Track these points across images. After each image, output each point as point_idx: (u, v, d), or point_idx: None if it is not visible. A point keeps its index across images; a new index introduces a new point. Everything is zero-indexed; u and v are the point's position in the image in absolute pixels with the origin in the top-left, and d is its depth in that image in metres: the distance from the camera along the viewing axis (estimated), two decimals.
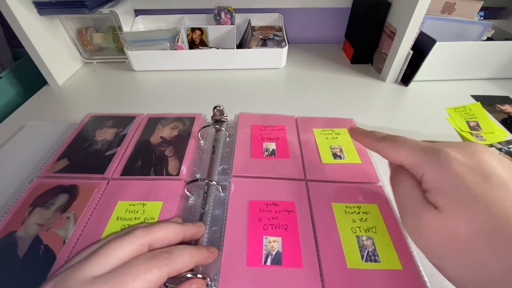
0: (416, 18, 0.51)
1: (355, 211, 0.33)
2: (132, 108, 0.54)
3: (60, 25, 0.62)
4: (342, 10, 0.74)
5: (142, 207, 0.33)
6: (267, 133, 0.44)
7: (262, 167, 0.39)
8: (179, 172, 0.37)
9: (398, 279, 0.27)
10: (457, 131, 0.47)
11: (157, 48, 0.63)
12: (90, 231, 0.31)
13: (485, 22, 0.57)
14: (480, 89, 0.58)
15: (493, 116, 0.51)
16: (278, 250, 0.29)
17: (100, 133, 0.44)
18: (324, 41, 0.80)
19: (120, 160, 0.39)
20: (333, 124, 0.46)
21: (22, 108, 0.54)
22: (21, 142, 0.45)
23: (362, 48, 0.66)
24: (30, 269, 0.28)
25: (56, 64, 0.60)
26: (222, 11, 0.70)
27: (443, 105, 0.53)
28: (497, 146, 0.44)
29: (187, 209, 0.34)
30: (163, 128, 0.45)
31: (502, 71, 0.60)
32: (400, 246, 0.30)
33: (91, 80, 0.63)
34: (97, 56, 0.69)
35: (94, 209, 0.33)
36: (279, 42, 0.69)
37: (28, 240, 0.30)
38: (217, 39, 0.70)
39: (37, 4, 0.54)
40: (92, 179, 0.37)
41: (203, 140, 0.44)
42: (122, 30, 0.63)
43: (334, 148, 0.42)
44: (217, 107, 0.46)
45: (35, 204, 0.33)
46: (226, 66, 0.66)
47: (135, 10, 0.72)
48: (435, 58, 0.55)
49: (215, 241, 0.31)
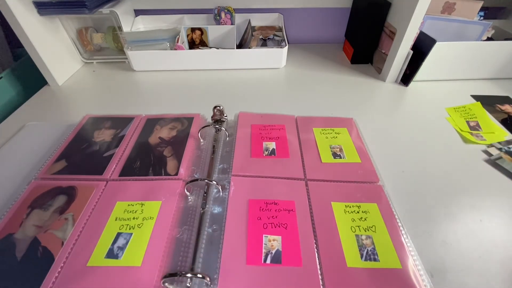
0: (416, 18, 0.51)
1: (355, 210, 0.33)
2: (132, 108, 0.54)
3: (60, 25, 0.62)
4: (342, 10, 0.74)
5: (140, 207, 0.33)
6: (267, 132, 0.44)
7: (262, 166, 0.39)
8: (177, 172, 0.37)
9: (398, 278, 0.27)
10: (457, 131, 0.47)
11: (157, 48, 0.63)
12: (88, 232, 0.31)
13: (485, 22, 0.57)
14: (480, 89, 0.58)
15: (493, 116, 0.50)
16: (277, 249, 0.29)
17: (99, 134, 0.44)
18: (324, 41, 0.80)
19: (118, 161, 0.39)
20: (333, 124, 0.46)
21: (22, 108, 0.54)
22: (20, 142, 0.45)
23: (362, 48, 0.66)
24: (28, 271, 0.28)
25: (56, 64, 0.59)
26: (222, 11, 0.70)
27: (443, 105, 0.53)
28: (497, 146, 0.44)
29: (187, 208, 0.34)
30: (161, 129, 0.45)
31: (502, 71, 0.60)
32: (400, 245, 0.30)
33: (91, 80, 0.63)
34: (97, 56, 0.69)
35: (93, 210, 0.33)
36: (279, 42, 0.69)
37: (26, 242, 0.30)
38: (217, 39, 0.70)
39: (37, 4, 0.54)
40: (91, 180, 0.37)
41: (203, 140, 0.43)
42: (122, 30, 0.63)
43: (334, 147, 0.42)
44: (217, 107, 0.46)
45: (33, 205, 0.33)
46: (226, 66, 0.65)
47: (135, 10, 0.72)
48: (435, 58, 0.55)
49: (215, 239, 0.31)
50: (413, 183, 0.38)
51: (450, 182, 0.38)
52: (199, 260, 0.29)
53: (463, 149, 0.44)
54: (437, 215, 0.34)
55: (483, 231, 0.33)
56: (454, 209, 0.35)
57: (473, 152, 0.43)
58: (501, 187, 0.38)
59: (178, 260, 0.29)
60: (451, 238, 0.32)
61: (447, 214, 0.34)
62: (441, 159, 0.42)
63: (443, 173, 0.40)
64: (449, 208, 0.35)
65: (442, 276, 0.29)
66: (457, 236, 0.32)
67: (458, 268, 0.29)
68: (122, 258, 0.28)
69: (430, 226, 0.33)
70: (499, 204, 0.35)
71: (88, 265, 0.28)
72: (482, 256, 0.30)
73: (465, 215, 0.34)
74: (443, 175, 0.39)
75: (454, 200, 0.36)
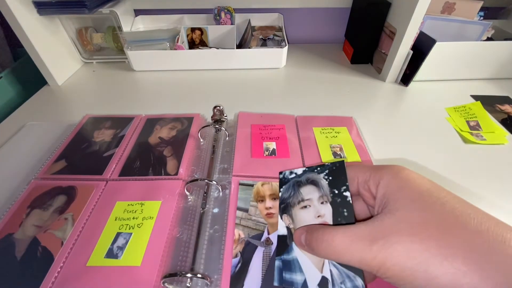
0: (416, 18, 0.51)
1: None
2: (132, 108, 0.54)
3: (60, 25, 0.62)
4: (342, 10, 0.74)
5: (140, 207, 0.33)
6: (267, 132, 0.44)
7: (262, 166, 0.38)
8: (177, 172, 0.37)
9: None
10: (457, 131, 0.47)
11: (157, 48, 0.63)
12: (88, 232, 0.31)
13: (485, 22, 0.57)
14: (480, 89, 0.58)
15: (493, 116, 0.50)
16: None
17: (98, 134, 0.44)
18: (324, 41, 0.80)
19: (118, 161, 0.39)
20: (332, 123, 0.46)
21: (22, 108, 0.54)
22: (20, 142, 0.45)
23: (362, 48, 0.66)
24: (28, 271, 0.27)
25: (56, 64, 0.59)
26: (222, 11, 0.70)
27: (443, 105, 0.53)
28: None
29: (186, 208, 0.34)
30: (161, 129, 0.45)
31: (502, 71, 0.60)
32: None
33: (91, 80, 0.63)
34: (97, 56, 0.69)
35: (93, 210, 0.33)
36: (279, 42, 0.69)
37: (25, 242, 0.30)
38: (217, 39, 0.70)
39: (37, 4, 0.54)
40: (90, 180, 0.37)
41: (203, 140, 0.43)
42: (122, 30, 0.63)
43: (334, 146, 0.42)
44: (217, 107, 0.46)
45: (33, 205, 0.33)
46: (226, 66, 0.65)
47: (135, 10, 0.72)
48: (435, 58, 0.55)
49: (216, 240, 0.31)
50: None
51: (450, 182, 0.38)
52: (200, 260, 0.28)
53: (463, 149, 0.44)
54: None
55: None
56: None
57: (473, 152, 0.43)
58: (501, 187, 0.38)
59: (178, 260, 0.29)
60: None
61: None
62: (441, 159, 0.42)
63: (443, 173, 0.40)
64: None
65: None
66: None
67: None
68: (121, 258, 0.28)
69: None
70: (499, 204, 0.36)
71: (88, 265, 0.28)
72: None
73: None
74: (443, 175, 0.39)
75: None
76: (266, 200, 0.34)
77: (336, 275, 0.21)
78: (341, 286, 0.20)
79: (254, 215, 0.32)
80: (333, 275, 0.21)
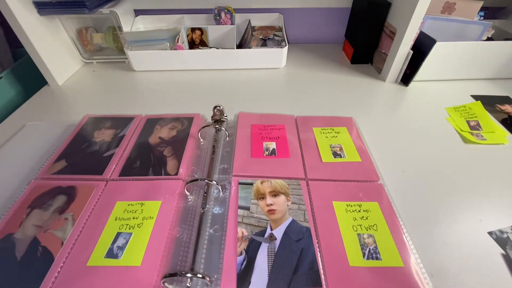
0: (416, 18, 0.51)
1: (356, 209, 0.33)
2: (132, 108, 0.54)
3: (60, 25, 0.62)
4: (342, 10, 0.74)
5: (140, 207, 0.33)
6: (267, 132, 0.44)
7: (262, 166, 0.38)
8: (177, 172, 0.37)
9: (400, 276, 0.27)
10: (457, 131, 0.47)
11: (157, 48, 0.63)
12: (88, 232, 0.31)
13: (485, 22, 0.57)
14: (480, 89, 0.58)
15: (493, 116, 0.50)
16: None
17: (98, 134, 0.44)
18: (324, 41, 0.80)
19: (118, 161, 0.39)
20: (332, 123, 0.46)
21: (22, 108, 0.54)
22: (20, 142, 0.45)
23: (362, 48, 0.66)
24: (28, 271, 0.27)
25: (56, 64, 0.59)
26: (222, 11, 0.70)
27: (443, 105, 0.53)
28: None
29: (186, 208, 0.34)
30: (161, 129, 0.45)
31: (502, 71, 0.60)
32: (401, 244, 0.30)
33: (91, 80, 0.63)
34: (97, 56, 0.69)
35: (93, 210, 0.33)
36: (279, 42, 0.69)
37: (26, 242, 0.30)
38: (217, 39, 0.70)
39: (37, 4, 0.54)
40: (91, 180, 0.37)
41: (203, 140, 0.43)
42: (122, 30, 0.63)
43: (334, 146, 0.42)
44: (217, 107, 0.46)
45: (33, 205, 0.33)
46: (226, 66, 0.65)
47: (135, 10, 0.72)
48: (435, 58, 0.55)
49: (216, 239, 0.31)
50: (413, 182, 0.38)
51: (450, 182, 0.38)
52: (200, 260, 0.28)
53: (463, 149, 0.44)
54: (437, 215, 0.34)
55: (483, 231, 0.33)
56: (454, 209, 0.35)
57: (473, 152, 0.43)
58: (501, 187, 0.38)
59: (178, 260, 0.29)
60: (451, 238, 0.32)
61: (447, 213, 0.34)
62: (441, 159, 0.42)
63: (443, 173, 0.40)
64: (449, 207, 0.35)
65: (442, 276, 0.28)
66: (457, 236, 0.32)
67: (458, 268, 0.29)
68: (121, 258, 0.28)
69: (430, 226, 0.33)
70: (499, 204, 0.35)
71: (88, 264, 0.28)
72: (482, 256, 0.30)
73: (465, 215, 0.34)
74: (443, 175, 0.39)
75: (454, 199, 0.36)
76: (266, 197, 0.34)
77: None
78: None
79: (256, 212, 0.32)
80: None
